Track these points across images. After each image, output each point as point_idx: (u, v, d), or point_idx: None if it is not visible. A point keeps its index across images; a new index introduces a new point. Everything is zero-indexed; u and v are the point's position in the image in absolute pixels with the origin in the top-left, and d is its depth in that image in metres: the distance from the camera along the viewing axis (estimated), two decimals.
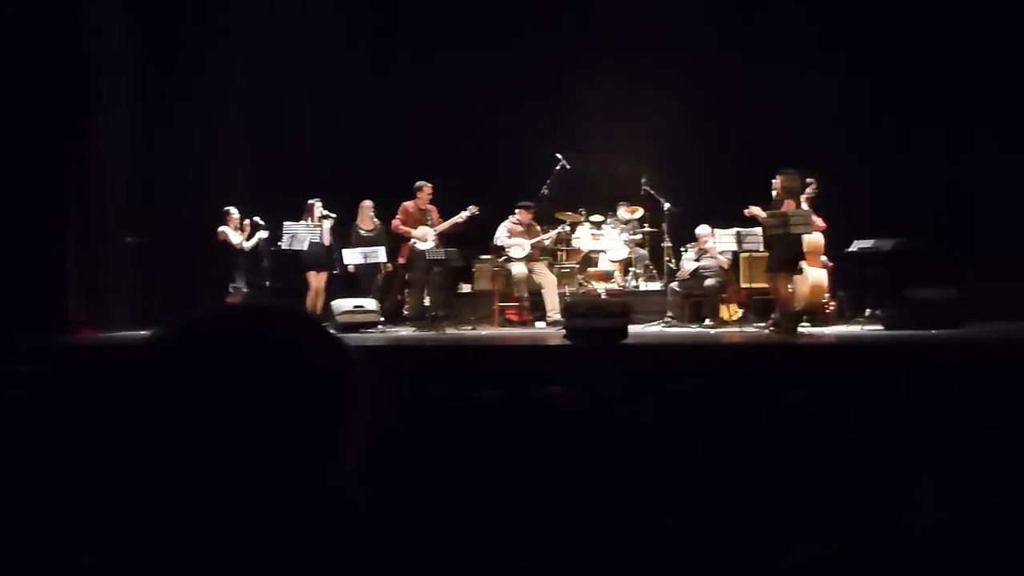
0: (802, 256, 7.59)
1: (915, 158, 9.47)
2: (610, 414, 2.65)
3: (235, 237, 8.60)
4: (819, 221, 7.99)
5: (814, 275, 8.03)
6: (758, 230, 7.81)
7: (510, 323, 8.95)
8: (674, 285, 8.73)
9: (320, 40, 10.45)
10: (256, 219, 8.69)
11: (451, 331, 8.05)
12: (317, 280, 8.66)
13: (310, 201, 8.76)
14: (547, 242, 9.16)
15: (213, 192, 8.91)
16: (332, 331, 0.76)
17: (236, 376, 0.67)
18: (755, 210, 7.61)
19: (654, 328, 8.31)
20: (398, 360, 5.99)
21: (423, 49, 10.73)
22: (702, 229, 8.75)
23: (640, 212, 9.83)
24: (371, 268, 8.77)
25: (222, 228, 8.60)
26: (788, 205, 7.50)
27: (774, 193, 7.58)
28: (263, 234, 8.60)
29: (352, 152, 10.41)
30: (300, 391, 0.68)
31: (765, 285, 8.42)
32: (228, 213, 8.66)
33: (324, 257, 8.69)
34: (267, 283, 8.50)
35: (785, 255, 7.41)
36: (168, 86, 8.54)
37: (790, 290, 7.61)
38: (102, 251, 7.55)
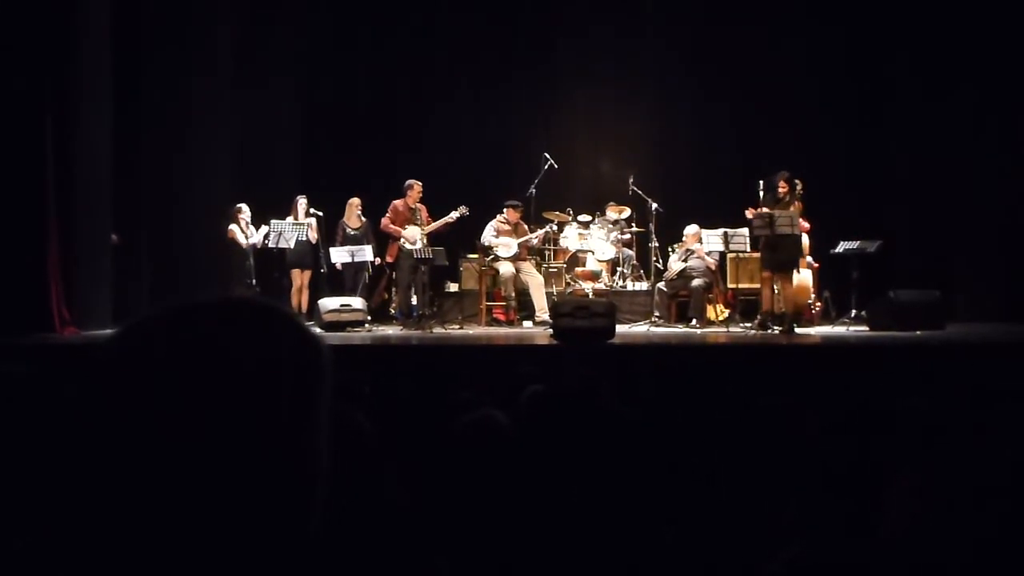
0: (799, 259, 7.64)
1: (902, 159, 9.55)
2: (597, 413, 2.65)
3: (242, 236, 8.53)
4: (804, 222, 8.03)
5: (799, 276, 8.07)
6: (744, 231, 7.84)
7: (497, 322, 8.95)
8: (661, 285, 8.76)
9: (310, 35, 10.41)
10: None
11: (438, 330, 8.04)
12: (302, 278, 8.63)
13: (296, 198, 8.71)
14: (534, 241, 9.17)
15: (201, 189, 8.84)
16: (303, 324, 0.75)
17: (196, 372, 0.66)
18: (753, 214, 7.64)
19: (641, 328, 8.34)
20: (385, 358, 5.97)
21: (413, 47, 10.71)
22: (689, 229, 8.78)
23: (627, 212, 9.84)
24: (358, 266, 8.74)
25: (232, 227, 8.53)
26: (797, 207, 7.53)
27: (780, 193, 7.56)
28: (265, 229, 8.52)
29: (340, 149, 10.38)
30: (263, 387, 0.68)
31: (752, 285, 8.46)
32: (239, 211, 8.57)
33: (309, 255, 8.65)
34: (252, 281, 8.45)
35: (785, 257, 7.44)
36: (154, 81, 8.47)
37: (775, 291, 7.65)
38: (86, 249, 7.47)
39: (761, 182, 7.76)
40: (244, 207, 8.59)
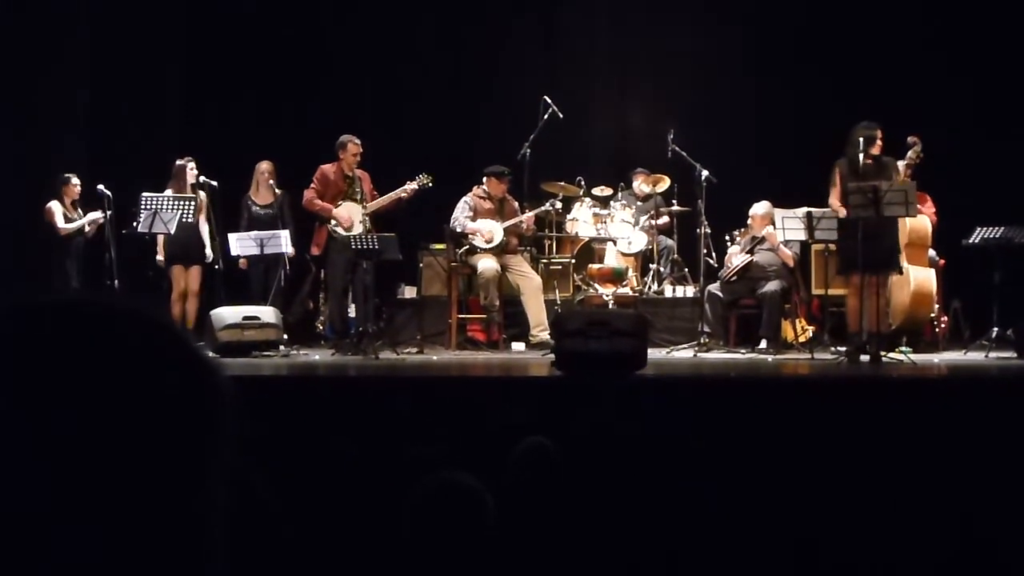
0: (898, 252, 7.67)
1: None
2: (617, 477, 2.66)
3: (61, 218, 8.56)
4: (926, 200, 8.07)
5: (918, 277, 8.09)
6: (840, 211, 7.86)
7: (474, 344, 8.97)
8: (714, 288, 8.79)
9: None
10: (100, 187, 8.62)
11: (387, 355, 8.05)
12: (187, 278, 8.63)
13: (180, 162, 8.71)
14: (528, 225, 9.20)
15: (32, 152, 8.81)
16: (192, 342, 0.76)
17: (37, 404, 0.67)
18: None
19: (685, 353, 8.38)
20: (308, 397, 5.97)
21: None
22: (758, 208, 8.80)
23: (665, 184, 9.87)
24: (269, 262, 8.74)
25: (51, 204, 8.56)
26: (903, 174, 7.53)
27: (874, 152, 7.53)
28: (96, 215, 8.53)
29: (245, 93, 10.36)
30: (133, 427, 0.68)
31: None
32: (67, 182, 8.65)
33: (198, 245, 8.67)
34: (113, 281, 8.45)
35: (886, 250, 7.46)
36: None
37: (883, 301, 7.69)
38: None
39: (872, 135, 7.61)
40: (73, 178, 8.68)
